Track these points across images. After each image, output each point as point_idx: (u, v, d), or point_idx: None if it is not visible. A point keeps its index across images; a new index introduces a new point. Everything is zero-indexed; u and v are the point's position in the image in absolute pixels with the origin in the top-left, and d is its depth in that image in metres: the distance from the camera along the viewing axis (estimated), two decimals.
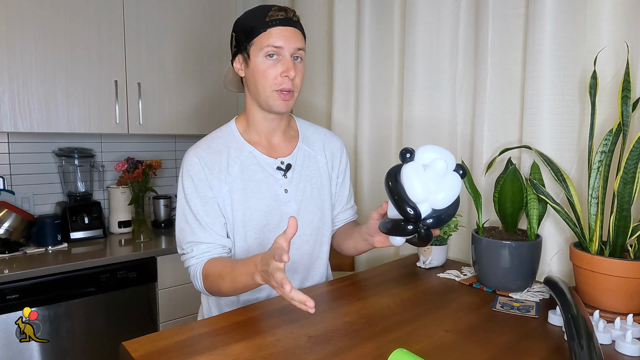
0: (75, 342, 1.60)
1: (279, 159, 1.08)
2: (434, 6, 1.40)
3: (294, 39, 0.99)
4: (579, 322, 0.72)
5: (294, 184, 1.08)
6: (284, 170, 1.08)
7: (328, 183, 1.15)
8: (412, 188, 0.76)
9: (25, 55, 1.66)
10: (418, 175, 0.76)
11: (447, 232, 1.22)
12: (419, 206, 0.77)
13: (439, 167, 0.76)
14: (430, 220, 0.77)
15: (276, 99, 1.00)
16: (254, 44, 0.99)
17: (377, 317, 0.88)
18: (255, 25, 0.98)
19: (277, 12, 0.98)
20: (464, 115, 1.38)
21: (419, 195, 0.75)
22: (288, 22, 0.99)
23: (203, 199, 1.02)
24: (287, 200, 1.07)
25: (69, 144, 2.04)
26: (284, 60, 0.99)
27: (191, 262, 1.02)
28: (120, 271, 1.69)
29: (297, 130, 1.16)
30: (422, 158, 0.78)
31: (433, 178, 0.76)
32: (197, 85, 2.10)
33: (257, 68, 1.00)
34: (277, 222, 1.06)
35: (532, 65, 1.14)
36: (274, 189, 1.06)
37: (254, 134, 1.09)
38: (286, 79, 0.99)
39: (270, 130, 1.09)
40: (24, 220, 1.72)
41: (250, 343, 0.77)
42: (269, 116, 1.06)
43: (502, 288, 1.04)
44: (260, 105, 1.04)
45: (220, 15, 2.16)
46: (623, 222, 0.89)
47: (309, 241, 1.11)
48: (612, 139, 0.93)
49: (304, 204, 1.09)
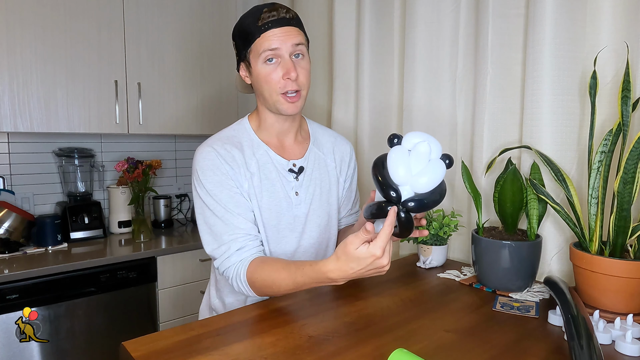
0: (75, 342, 1.60)
1: (291, 161, 1.07)
2: (434, 6, 1.40)
3: (290, 37, 0.97)
4: (579, 322, 0.72)
5: (305, 187, 1.08)
6: (297, 173, 1.07)
7: (336, 187, 1.15)
8: (395, 170, 0.77)
9: (26, 55, 1.66)
10: (401, 158, 0.77)
11: (447, 232, 1.22)
12: (401, 188, 0.77)
13: (421, 149, 0.76)
14: (411, 203, 0.77)
15: (283, 102, 0.99)
16: (252, 50, 0.98)
17: (377, 317, 0.88)
18: (250, 31, 0.97)
19: (268, 14, 0.96)
20: (464, 115, 1.38)
21: (400, 177, 0.76)
22: (281, 22, 0.96)
23: (230, 191, 0.97)
24: (298, 203, 1.06)
25: (69, 144, 2.04)
26: (284, 62, 0.97)
27: (230, 263, 0.95)
28: (120, 271, 1.69)
29: (308, 132, 1.15)
30: (408, 143, 0.79)
31: (416, 161, 0.76)
32: (197, 85, 2.10)
33: (259, 75, 0.99)
34: (287, 223, 1.05)
35: (532, 65, 1.14)
36: (287, 190, 1.05)
37: (266, 134, 1.08)
38: (289, 81, 0.97)
39: (282, 131, 1.08)
40: (24, 220, 1.72)
41: (250, 343, 0.77)
42: (281, 118, 1.06)
43: (502, 288, 1.04)
44: (270, 109, 1.04)
45: (220, 15, 2.16)
46: (623, 222, 0.89)
47: (314, 244, 1.10)
48: (612, 139, 0.93)
49: (312, 207, 1.09)
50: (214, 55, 2.14)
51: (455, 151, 1.41)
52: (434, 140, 0.79)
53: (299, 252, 1.08)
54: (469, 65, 1.35)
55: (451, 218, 1.25)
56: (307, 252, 1.09)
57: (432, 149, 0.77)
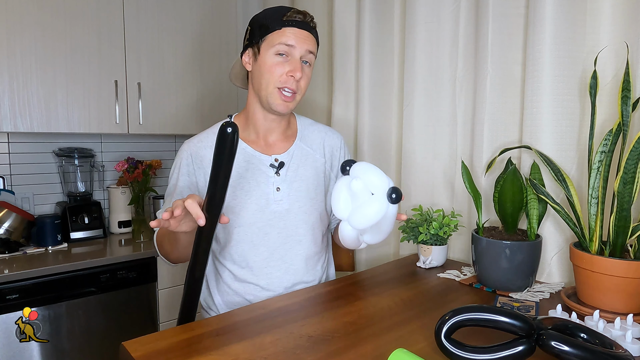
0: (75, 342, 1.60)
1: (272, 156, 1.09)
2: (434, 6, 1.40)
3: (307, 42, 1.01)
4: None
5: (288, 183, 1.08)
6: (277, 168, 1.08)
7: (326, 183, 1.15)
8: (335, 202, 0.78)
9: (26, 55, 1.66)
10: (342, 191, 0.77)
11: (447, 232, 1.22)
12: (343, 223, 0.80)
13: (353, 187, 0.75)
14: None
15: (277, 97, 1.01)
16: (267, 40, 1.00)
17: (377, 317, 0.88)
18: (272, 23, 1.00)
19: (295, 14, 1.00)
20: (464, 115, 1.38)
21: (340, 211, 0.77)
22: (304, 25, 1.01)
23: (187, 185, 1.07)
24: (279, 199, 1.07)
25: (69, 144, 2.04)
26: (293, 60, 1.00)
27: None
28: (120, 271, 1.69)
29: (295, 129, 1.16)
30: (353, 174, 0.78)
31: (354, 197, 0.76)
32: (197, 85, 2.10)
33: (264, 63, 1.01)
34: (267, 219, 1.06)
35: (532, 65, 1.14)
36: (264, 186, 1.06)
37: (252, 132, 1.10)
38: (291, 78, 0.99)
39: (269, 129, 1.10)
40: (24, 220, 1.72)
41: (250, 343, 0.77)
42: (269, 116, 1.07)
43: (502, 288, 1.04)
44: (261, 103, 1.05)
45: (220, 15, 2.16)
46: (623, 222, 0.89)
47: (302, 241, 1.10)
48: (612, 139, 0.93)
49: (298, 204, 1.09)
50: (214, 55, 2.14)
51: (455, 151, 1.41)
52: (377, 174, 0.76)
53: (284, 249, 1.08)
54: (469, 65, 1.35)
55: (451, 218, 1.25)
56: (292, 250, 1.09)
57: (372, 184, 0.75)
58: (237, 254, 1.07)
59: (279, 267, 1.08)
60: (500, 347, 0.65)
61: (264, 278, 1.07)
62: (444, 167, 1.43)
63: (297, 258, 1.10)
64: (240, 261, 1.07)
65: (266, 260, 1.07)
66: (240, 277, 1.08)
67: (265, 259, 1.07)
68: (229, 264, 1.09)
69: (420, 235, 1.22)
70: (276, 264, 1.08)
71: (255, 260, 1.07)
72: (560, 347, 0.61)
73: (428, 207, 1.36)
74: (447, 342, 0.68)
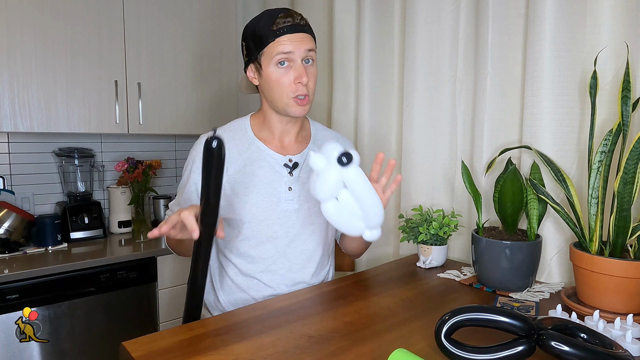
0: (75, 342, 1.60)
1: (287, 156, 1.10)
2: (434, 6, 1.40)
3: (304, 43, 1.00)
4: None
5: (300, 183, 1.10)
6: (291, 168, 1.09)
7: None
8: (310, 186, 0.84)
9: (26, 55, 1.66)
10: (313, 174, 0.83)
11: (447, 232, 1.22)
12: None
13: (311, 163, 0.80)
14: None
15: (293, 105, 1.02)
16: (264, 53, 1.00)
17: (377, 317, 0.88)
18: (264, 35, 0.99)
19: (283, 20, 0.99)
20: (464, 115, 1.38)
21: (311, 191, 0.83)
22: (296, 27, 1.00)
23: (199, 180, 1.08)
24: (290, 198, 1.08)
25: (69, 144, 2.03)
26: (296, 66, 1.00)
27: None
28: (120, 271, 1.69)
29: (309, 132, 1.18)
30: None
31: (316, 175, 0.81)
32: (197, 85, 2.10)
33: (270, 77, 1.01)
34: (276, 217, 1.07)
35: (532, 65, 1.14)
36: (277, 185, 1.08)
37: (267, 133, 1.11)
38: (300, 85, 1.00)
39: (284, 131, 1.11)
40: (24, 220, 1.72)
41: (250, 343, 0.77)
42: (284, 119, 1.09)
43: (502, 288, 1.04)
44: (277, 111, 1.06)
45: (220, 15, 2.16)
46: (623, 222, 0.89)
47: (308, 242, 1.11)
48: (612, 139, 0.93)
49: (307, 205, 1.10)
50: (214, 55, 2.14)
51: (455, 151, 1.41)
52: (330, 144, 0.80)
53: (289, 250, 1.09)
54: (469, 65, 1.35)
55: (451, 218, 1.25)
56: (297, 249, 1.10)
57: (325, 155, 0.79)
58: (244, 248, 1.08)
59: (282, 265, 1.09)
60: (500, 347, 0.65)
61: (267, 274, 1.08)
62: (444, 167, 1.43)
63: (301, 258, 1.11)
64: (246, 256, 1.09)
65: (272, 258, 1.08)
66: (245, 272, 1.09)
67: (270, 256, 1.08)
68: (234, 257, 1.10)
69: (420, 235, 1.22)
70: (280, 262, 1.09)
71: (261, 257, 1.08)
72: (560, 347, 0.62)
73: (428, 207, 1.36)
74: (447, 342, 0.68)
